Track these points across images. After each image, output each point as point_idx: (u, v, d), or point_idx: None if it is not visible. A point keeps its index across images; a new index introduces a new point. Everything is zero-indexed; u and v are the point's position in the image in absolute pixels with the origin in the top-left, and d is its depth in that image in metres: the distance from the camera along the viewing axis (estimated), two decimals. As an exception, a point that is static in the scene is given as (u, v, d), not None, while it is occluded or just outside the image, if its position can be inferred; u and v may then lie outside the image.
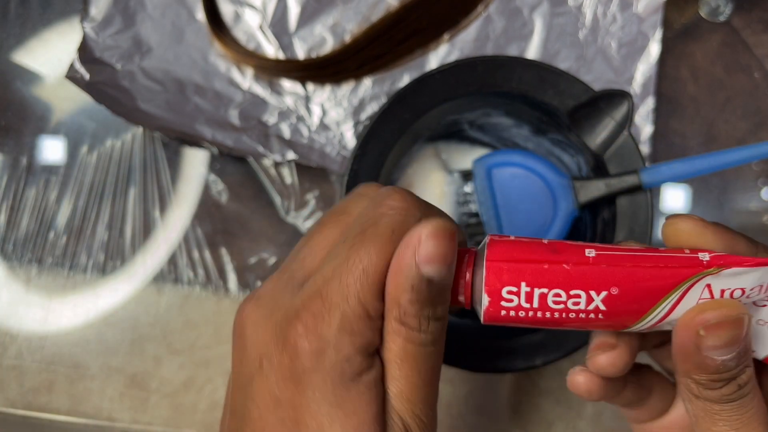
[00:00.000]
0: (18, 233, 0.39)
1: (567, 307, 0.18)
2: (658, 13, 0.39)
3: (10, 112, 0.40)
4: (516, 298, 0.18)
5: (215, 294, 0.39)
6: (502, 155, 0.33)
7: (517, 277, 0.18)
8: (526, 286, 0.18)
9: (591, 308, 0.18)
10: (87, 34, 0.38)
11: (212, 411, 0.39)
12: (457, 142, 0.37)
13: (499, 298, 0.18)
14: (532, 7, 0.39)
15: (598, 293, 0.18)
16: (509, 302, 0.18)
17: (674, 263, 0.18)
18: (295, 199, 0.39)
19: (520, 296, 0.18)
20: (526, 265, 0.18)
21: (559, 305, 0.18)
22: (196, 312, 0.39)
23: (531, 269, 0.18)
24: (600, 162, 0.31)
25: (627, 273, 0.18)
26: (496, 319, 0.19)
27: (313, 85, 0.39)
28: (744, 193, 0.40)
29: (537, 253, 0.19)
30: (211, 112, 0.38)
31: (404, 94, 0.31)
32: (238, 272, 0.39)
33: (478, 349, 0.31)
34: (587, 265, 0.18)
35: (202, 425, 0.39)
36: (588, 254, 0.19)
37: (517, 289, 0.18)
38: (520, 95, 0.31)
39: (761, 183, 0.40)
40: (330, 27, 0.39)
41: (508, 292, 0.18)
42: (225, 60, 0.39)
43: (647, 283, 0.18)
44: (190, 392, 0.39)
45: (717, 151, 0.29)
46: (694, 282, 0.18)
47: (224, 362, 0.39)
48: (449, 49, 0.39)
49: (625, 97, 0.30)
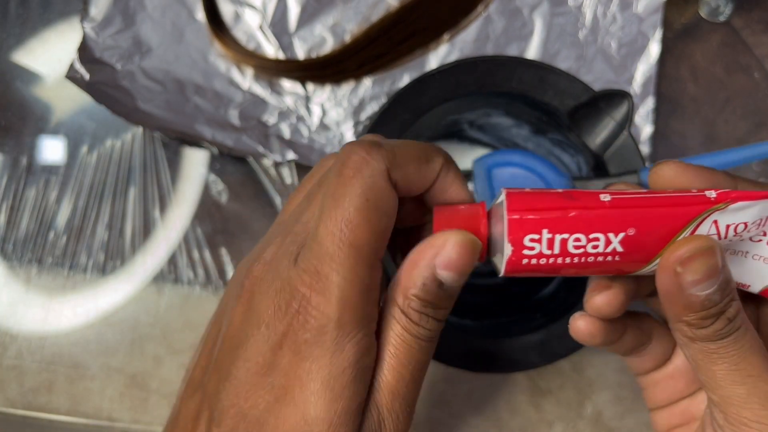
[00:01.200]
0: (18, 233, 0.39)
1: (586, 251, 0.19)
2: (658, 13, 0.39)
3: (10, 112, 0.40)
4: (538, 245, 0.19)
5: (215, 294, 0.39)
6: (502, 155, 0.33)
7: (540, 224, 0.19)
8: (548, 233, 0.19)
9: (609, 250, 0.19)
10: (87, 34, 0.38)
11: (212, 411, 0.38)
12: (457, 142, 0.37)
13: (521, 246, 0.19)
14: (532, 7, 0.39)
15: (616, 235, 0.19)
16: (531, 250, 0.19)
17: (685, 202, 0.19)
18: (295, 199, 0.39)
19: (542, 243, 0.19)
20: (547, 212, 0.19)
21: (579, 249, 0.19)
22: (196, 312, 0.39)
23: (553, 216, 0.19)
24: (600, 162, 0.31)
25: (642, 214, 0.19)
26: (516, 268, 0.19)
27: (313, 85, 0.39)
28: (744, 193, 0.40)
29: (556, 201, 0.19)
30: (211, 112, 0.38)
31: (404, 95, 0.31)
32: (238, 272, 0.39)
33: (478, 349, 0.31)
34: (605, 208, 0.19)
35: (202, 425, 0.39)
36: (603, 199, 0.19)
37: (539, 236, 0.19)
38: (520, 95, 0.31)
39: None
40: (330, 27, 0.39)
41: (530, 240, 0.19)
42: (225, 60, 0.39)
43: (662, 221, 0.19)
44: (190, 392, 0.39)
45: (717, 152, 0.29)
46: (703, 218, 0.19)
47: (224, 362, 0.39)
48: (449, 49, 0.39)
49: (625, 97, 0.30)
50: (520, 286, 0.35)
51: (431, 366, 0.33)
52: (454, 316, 0.33)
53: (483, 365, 0.31)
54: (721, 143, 0.40)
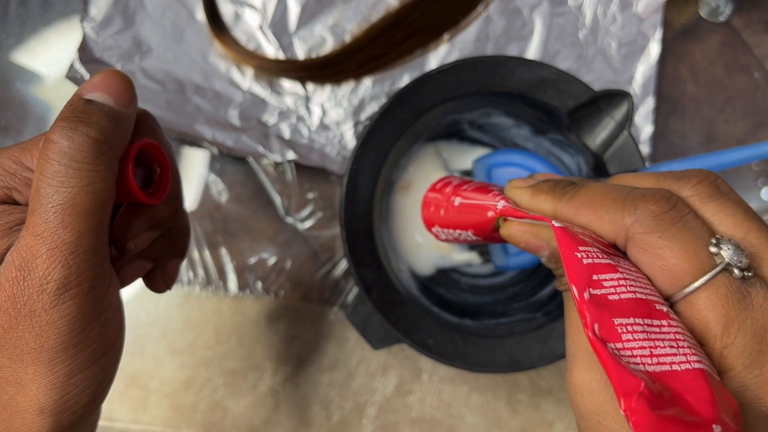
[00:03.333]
0: None
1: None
2: (658, 13, 0.39)
3: (10, 112, 0.40)
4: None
5: (215, 294, 0.39)
6: (502, 155, 0.33)
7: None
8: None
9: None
10: (87, 35, 0.38)
11: (212, 411, 0.39)
12: (458, 141, 0.37)
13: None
14: (532, 7, 0.39)
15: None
16: None
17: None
18: (295, 199, 0.39)
19: None
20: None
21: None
22: (196, 312, 0.39)
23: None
24: (600, 162, 0.31)
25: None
26: None
27: (313, 85, 0.39)
28: (744, 193, 0.40)
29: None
30: (211, 112, 0.38)
31: (404, 95, 0.31)
32: (237, 272, 0.39)
33: (478, 349, 0.31)
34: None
35: (201, 425, 0.39)
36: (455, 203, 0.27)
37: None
38: (520, 95, 0.31)
39: (761, 183, 0.40)
40: (330, 27, 0.39)
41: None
42: (225, 60, 0.39)
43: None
44: (190, 392, 0.39)
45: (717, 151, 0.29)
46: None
47: (224, 362, 0.39)
48: (449, 49, 0.39)
49: (625, 97, 0.30)
50: (520, 286, 0.35)
51: (431, 363, 0.33)
52: (453, 315, 0.33)
53: (483, 365, 0.31)
54: (721, 143, 0.40)
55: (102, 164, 0.19)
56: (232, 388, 0.39)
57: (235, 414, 0.39)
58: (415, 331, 0.31)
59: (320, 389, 0.39)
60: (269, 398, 0.39)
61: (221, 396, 0.39)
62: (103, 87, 0.20)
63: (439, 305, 0.33)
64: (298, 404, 0.39)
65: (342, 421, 0.39)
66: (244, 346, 0.39)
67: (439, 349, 0.30)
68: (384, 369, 0.39)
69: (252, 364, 0.39)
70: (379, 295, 0.30)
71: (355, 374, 0.39)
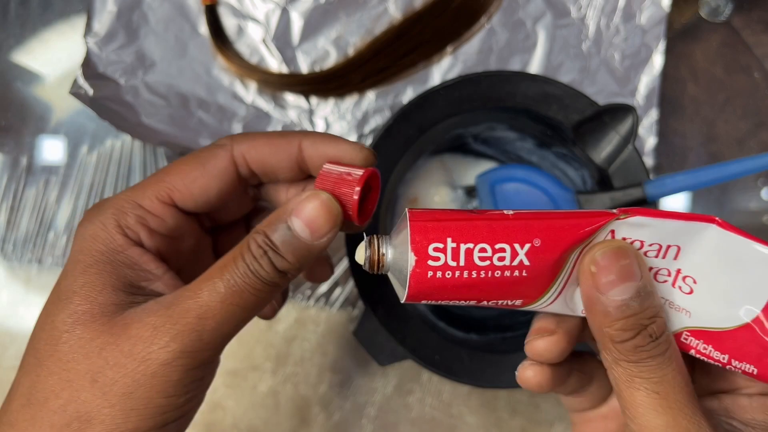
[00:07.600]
0: (18, 233, 0.39)
1: (493, 263, 0.18)
2: (661, 24, 0.39)
3: (10, 112, 0.40)
4: (443, 255, 0.18)
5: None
6: (505, 170, 0.33)
7: (443, 233, 0.18)
8: (452, 242, 0.18)
9: (516, 263, 0.18)
10: (90, 50, 0.38)
11: (212, 411, 0.39)
12: (462, 155, 0.37)
13: (426, 256, 0.18)
14: (535, 19, 0.39)
15: (522, 246, 0.18)
16: (436, 261, 0.18)
17: (589, 214, 0.19)
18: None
19: (447, 253, 0.18)
20: (450, 222, 0.18)
21: (485, 261, 0.18)
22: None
23: (455, 225, 0.18)
24: (605, 176, 0.31)
25: (547, 224, 0.19)
26: (421, 283, 0.18)
27: (317, 99, 0.39)
28: (744, 193, 0.40)
29: (458, 213, 0.19)
30: (214, 126, 0.38)
31: (409, 110, 0.31)
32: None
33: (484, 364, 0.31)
34: (508, 220, 0.19)
35: (202, 425, 0.39)
36: (507, 212, 0.19)
37: (444, 245, 0.18)
38: (524, 110, 0.31)
39: (761, 183, 0.40)
40: (333, 40, 0.39)
41: (434, 249, 0.18)
42: (228, 74, 0.39)
43: (566, 231, 0.19)
44: (194, 402, 0.39)
45: (720, 163, 0.29)
46: (602, 228, 0.19)
47: (224, 362, 0.39)
48: (452, 62, 0.39)
49: (630, 111, 0.30)
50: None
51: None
52: (459, 330, 0.33)
53: (490, 380, 0.31)
54: (721, 143, 0.40)
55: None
56: (232, 388, 0.39)
57: (235, 414, 0.39)
58: (422, 348, 0.31)
59: (320, 389, 0.39)
60: (269, 398, 0.39)
61: (221, 396, 0.39)
62: (308, 220, 0.20)
63: (445, 320, 0.33)
64: (298, 404, 0.39)
65: (342, 421, 0.39)
66: (244, 346, 0.39)
67: (446, 366, 0.30)
68: (384, 369, 0.39)
69: (252, 364, 0.39)
70: (385, 312, 0.30)
71: (354, 374, 0.39)
